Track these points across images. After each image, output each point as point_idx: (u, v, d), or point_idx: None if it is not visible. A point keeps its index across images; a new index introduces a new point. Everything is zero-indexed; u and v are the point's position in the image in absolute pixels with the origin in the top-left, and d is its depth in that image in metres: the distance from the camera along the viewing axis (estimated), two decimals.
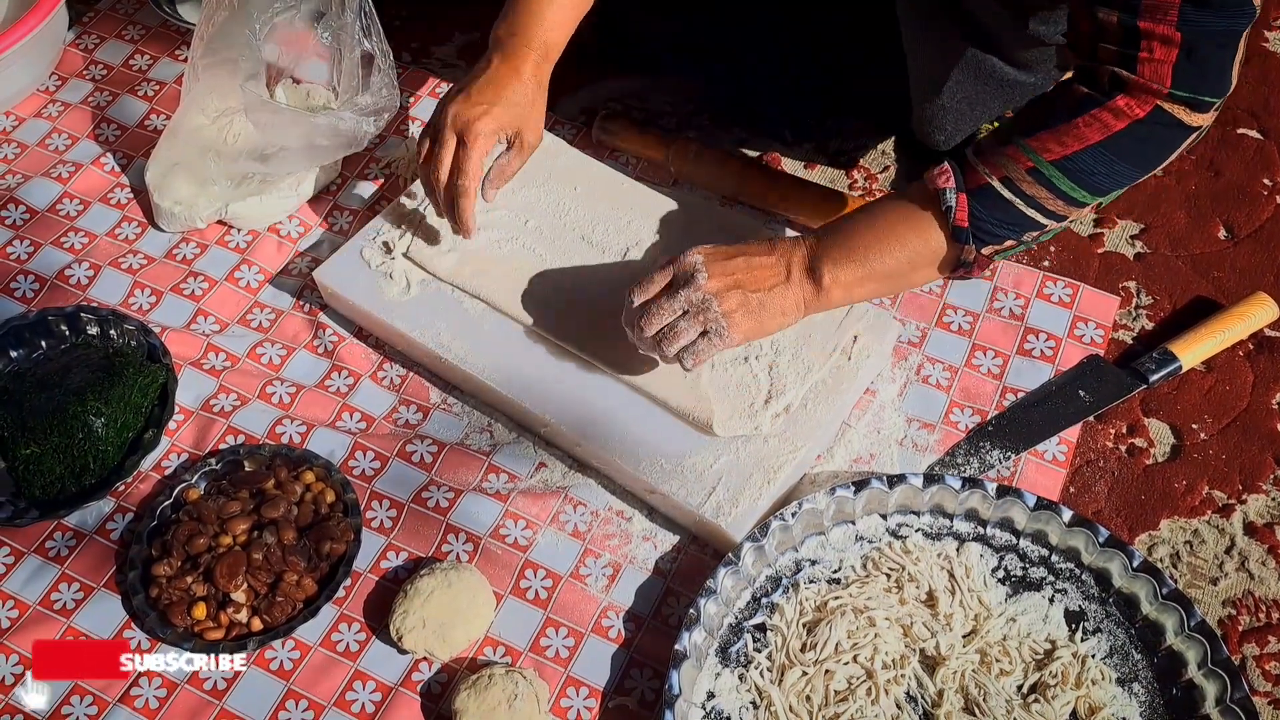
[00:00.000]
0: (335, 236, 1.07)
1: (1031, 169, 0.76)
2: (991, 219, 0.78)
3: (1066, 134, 0.74)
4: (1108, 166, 0.75)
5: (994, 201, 0.78)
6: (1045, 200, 0.77)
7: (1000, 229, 0.79)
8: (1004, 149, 0.77)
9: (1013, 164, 0.76)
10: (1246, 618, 0.84)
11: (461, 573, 0.82)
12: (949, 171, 0.79)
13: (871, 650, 0.79)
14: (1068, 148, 0.75)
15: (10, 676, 0.82)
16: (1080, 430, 0.93)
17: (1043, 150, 0.75)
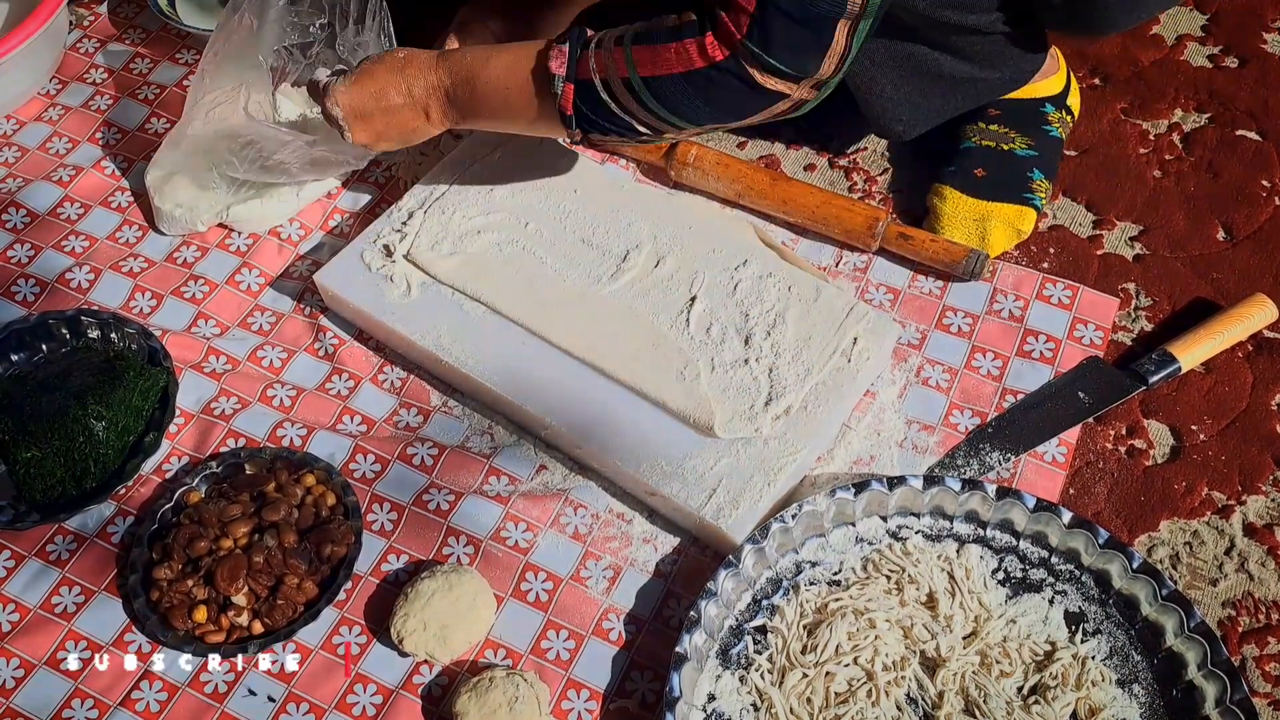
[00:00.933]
0: (336, 239, 1.07)
1: (626, 79, 0.80)
2: (592, 113, 0.83)
3: (659, 56, 0.78)
4: (688, 100, 0.79)
5: (595, 100, 0.82)
6: (637, 112, 0.81)
7: (602, 124, 0.83)
8: (614, 50, 0.80)
9: (614, 68, 0.80)
10: (1246, 619, 0.84)
11: (462, 575, 0.82)
12: (564, 56, 0.82)
13: (872, 652, 0.79)
14: (657, 70, 0.78)
15: (11, 680, 0.82)
16: (1080, 432, 0.93)
17: (639, 64, 0.79)
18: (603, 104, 0.82)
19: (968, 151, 1.05)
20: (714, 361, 0.90)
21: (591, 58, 0.81)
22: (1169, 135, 1.14)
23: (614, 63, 0.80)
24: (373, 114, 0.91)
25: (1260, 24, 1.24)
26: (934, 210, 1.04)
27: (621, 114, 0.81)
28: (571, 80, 0.82)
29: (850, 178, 1.12)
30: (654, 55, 0.78)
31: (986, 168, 1.03)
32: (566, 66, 0.82)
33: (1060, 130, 1.07)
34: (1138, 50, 1.22)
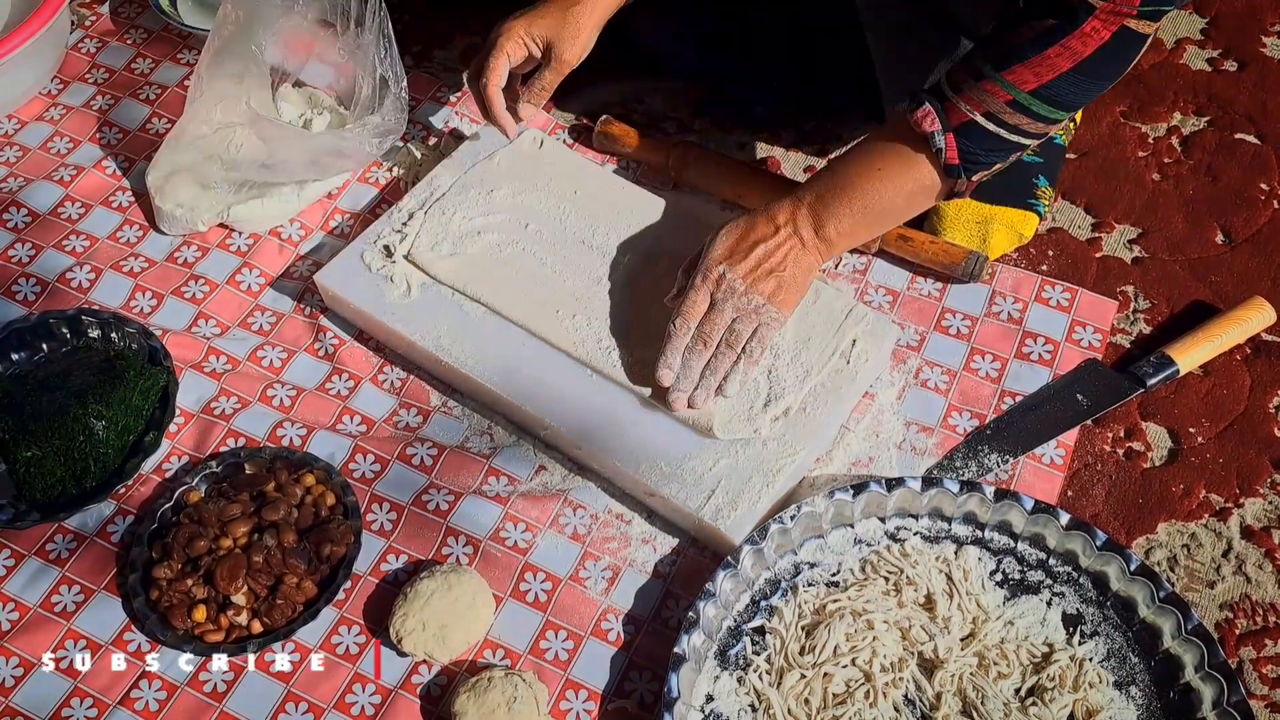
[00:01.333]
0: (336, 240, 1.07)
1: (1011, 101, 0.80)
2: (980, 150, 0.83)
3: (1040, 65, 0.78)
4: (1079, 86, 0.79)
5: (980, 135, 0.83)
6: (1026, 125, 0.82)
7: (988, 157, 0.84)
8: (981, 83, 0.81)
9: (992, 99, 0.81)
10: (1244, 621, 0.84)
11: (461, 575, 0.82)
12: (932, 113, 0.83)
13: (870, 653, 0.79)
14: (1042, 78, 0.79)
15: (10, 679, 0.82)
16: (1078, 434, 0.93)
17: (1020, 83, 0.79)
18: (991, 136, 0.82)
19: None
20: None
21: (960, 103, 0.82)
22: (1168, 138, 1.14)
23: (989, 94, 0.80)
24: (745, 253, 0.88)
25: (1259, 27, 1.24)
26: (935, 211, 1.04)
27: (1010, 135, 0.82)
28: (949, 130, 0.83)
29: None
30: (1033, 68, 0.78)
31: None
32: (939, 121, 0.83)
33: (1064, 137, 1.08)
34: None
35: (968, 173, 0.85)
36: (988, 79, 0.80)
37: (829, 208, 0.88)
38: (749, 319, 0.87)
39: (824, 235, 0.88)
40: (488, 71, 0.96)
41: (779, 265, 0.88)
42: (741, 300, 0.87)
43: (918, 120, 0.83)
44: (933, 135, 0.83)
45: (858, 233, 0.89)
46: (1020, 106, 0.80)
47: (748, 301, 0.87)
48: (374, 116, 1.01)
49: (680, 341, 0.88)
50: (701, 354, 0.88)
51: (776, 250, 0.88)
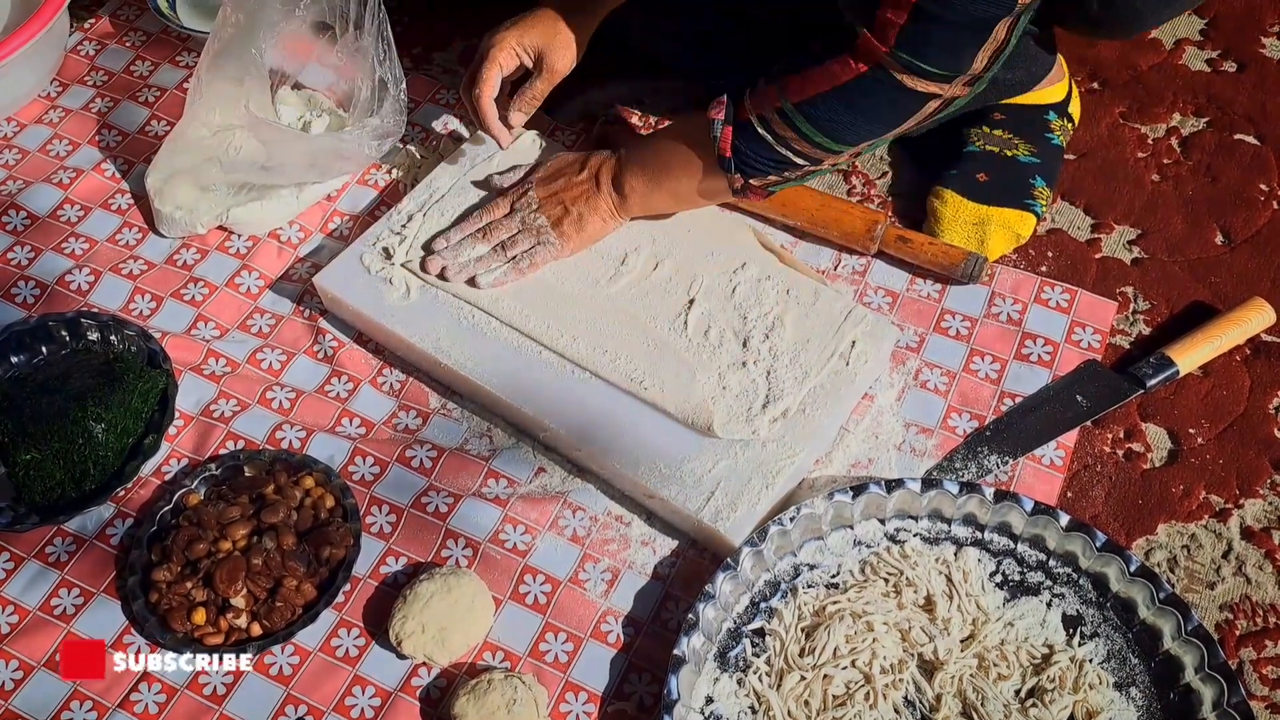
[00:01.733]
0: (335, 242, 1.07)
1: (779, 109, 0.82)
2: (750, 152, 0.85)
3: (806, 79, 0.80)
4: (843, 117, 0.81)
5: (752, 136, 0.84)
6: (794, 141, 0.83)
7: (760, 163, 0.86)
8: (766, 87, 0.83)
9: (767, 103, 0.83)
10: (1244, 622, 0.84)
11: (461, 578, 0.82)
12: (723, 103, 0.86)
13: (870, 655, 0.79)
14: (805, 92, 0.81)
15: (10, 682, 0.82)
16: (1078, 435, 0.93)
17: (789, 92, 0.81)
18: (759, 139, 0.84)
19: (970, 155, 1.05)
20: (712, 364, 0.90)
21: (747, 99, 0.84)
22: (1167, 139, 1.14)
23: (767, 97, 0.83)
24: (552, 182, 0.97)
25: (1258, 28, 1.24)
26: (933, 213, 1.04)
27: (779, 146, 0.84)
28: (729, 123, 0.85)
29: (849, 181, 1.12)
30: (803, 80, 0.80)
31: (989, 172, 1.04)
32: (725, 112, 0.86)
33: (1061, 138, 1.08)
34: (1136, 54, 1.22)
35: (742, 172, 0.87)
36: (771, 83, 0.83)
37: (631, 165, 0.94)
38: (529, 235, 0.96)
39: (619, 187, 0.95)
40: (480, 82, 0.98)
41: (572, 200, 0.95)
42: (529, 216, 0.96)
43: (710, 107, 0.87)
44: (713, 123, 0.86)
45: (651, 198, 0.95)
46: (785, 117, 0.82)
47: (533, 219, 0.95)
48: (373, 119, 1.01)
49: (468, 227, 0.98)
50: (475, 243, 0.97)
51: (575, 186, 0.96)
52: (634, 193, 0.94)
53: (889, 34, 0.75)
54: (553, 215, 0.96)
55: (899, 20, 0.74)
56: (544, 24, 0.98)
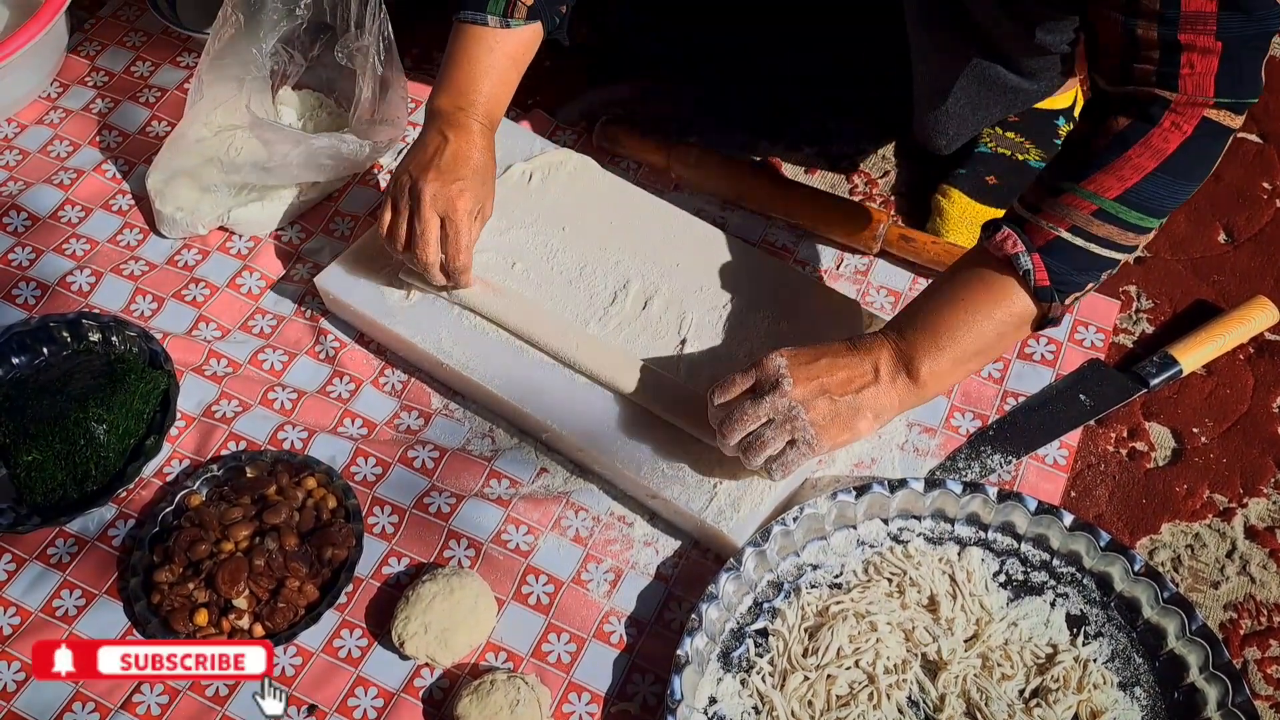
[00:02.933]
0: (337, 242, 1.07)
1: (1097, 211, 0.75)
2: (1070, 269, 0.77)
3: (1123, 168, 0.74)
4: (1167, 188, 0.74)
5: (1068, 252, 0.76)
6: (1116, 236, 0.76)
7: (1080, 276, 0.77)
8: (1060, 198, 0.75)
9: (1076, 212, 0.75)
10: (1248, 621, 0.84)
11: (463, 578, 0.82)
12: (1013, 235, 0.77)
13: (873, 655, 0.79)
14: (1126, 181, 0.74)
15: (13, 684, 0.82)
16: (1081, 434, 0.93)
17: (1103, 191, 0.74)
18: (1079, 252, 0.76)
19: (981, 157, 1.05)
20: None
21: (1041, 221, 0.76)
22: None
23: (1071, 208, 0.75)
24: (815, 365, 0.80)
25: None
26: (939, 211, 1.04)
27: (1100, 249, 0.76)
28: (1034, 251, 0.76)
29: (851, 180, 1.12)
30: (1115, 174, 0.74)
31: (1000, 176, 1.03)
32: (1022, 243, 0.77)
33: None
34: None
35: (1060, 295, 0.77)
36: (1067, 193, 0.75)
37: (916, 344, 0.80)
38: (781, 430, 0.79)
39: (910, 371, 0.80)
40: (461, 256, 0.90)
41: (840, 390, 0.80)
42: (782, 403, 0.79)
43: (998, 244, 0.77)
44: (1017, 257, 0.76)
45: (949, 373, 0.81)
46: (1107, 215, 0.75)
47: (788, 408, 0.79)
48: (374, 120, 1.01)
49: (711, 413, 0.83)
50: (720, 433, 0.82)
51: (845, 371, 0.80)
52: (933, 376, 0.80)
53: (1205, 85, 0.71)
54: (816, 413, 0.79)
55: (1210, 68, 0.70)
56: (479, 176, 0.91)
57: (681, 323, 0.93)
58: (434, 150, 0.90)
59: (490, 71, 0.93)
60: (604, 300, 0.95)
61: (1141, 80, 0.73)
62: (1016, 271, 0.77)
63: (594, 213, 1.01)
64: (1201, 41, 0.69)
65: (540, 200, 1.02)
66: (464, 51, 0.93)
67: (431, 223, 0.89)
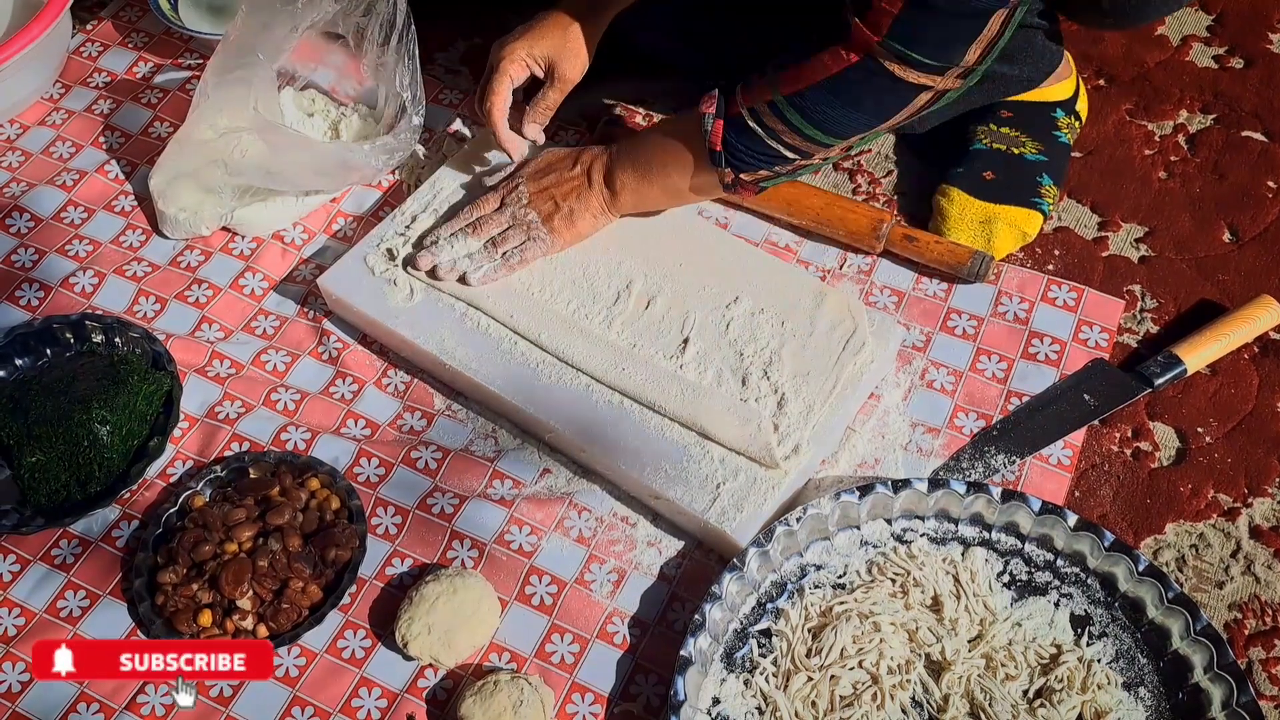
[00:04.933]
0: (339, 243, 1.07)
1: (770, 101, 0.81)
2: (741, 146, 0.85)
3: (799, 70, 0.80)
4: (834, 109, 0.80)
5: (743, 130, 0.84)
6: (783, 134, 0.82)
7: (750, 157, 0.85)
8: (760, 79, 0.82)
9: (760, 95, 0.82)
10: (1253, 621, 0.84)
11: (466, 579, 0.82)
12: (715, 98, 0.85)
13: (877, 655, 0.79)
14: (798, 84, 0.80)
15: (17, 684, 0.82)
16: (1085, 434, 0.93)
17: (780, 84, 0.81)
18: (750, 132, 0.83)
19: (977, 153, 1.05)
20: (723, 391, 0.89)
21: (739, 93, 0.84)
22: (1174, 136, 1.14)
23: (759, 90, 0.82)
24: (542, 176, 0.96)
25: (1266, 24, 1.24)
26: (939, 211, 1.04)
27: (769, 139, 0.83)
28: (721, 117, 0.85)
29: (854, 179, 1.12)
30: (796, 73, 0.80)
31: (996, 170, 1.03)
32: (716, 105, 0.85)
33: (1069, 136, 1.07)
34: (1143, 51, 1.21)
35: (733, 167, 0.86)
36: (764, 76, 0.82)
37: (623, 161, 0.94)
38: (519, 230, 0.95)
39: (610, 183, 0.94)
40: (491, 95, 0.98)
41: (564, 195, 0.95)
42: (519, 211, 0.95)
43: (701, 102, 0.86)
44: (705, 117, 0.85)
45: (643, 194, 0.94)
46: (776, 109, 0.81)
47: (524, 214, 0.95)
48: (388, 136, 1.01)
49: (457, 223, 0.97)
50: (465, 238, 0.96)
51: (567, 181, 0.95)
52: (625, 189, 0.94)
53: (882, 23, 0.75)
54: (543, 211, 0.95)
55: (893, 9, 0.74)
56: (554, 32, 0.98)
57: (684, 323, 0.93)
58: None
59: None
60: (607, 300, 0.95)
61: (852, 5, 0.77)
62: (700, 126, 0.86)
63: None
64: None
65: None
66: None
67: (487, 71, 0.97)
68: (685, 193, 0.93)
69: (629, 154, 0.94)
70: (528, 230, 0.95)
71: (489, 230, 0.96)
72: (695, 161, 0.89)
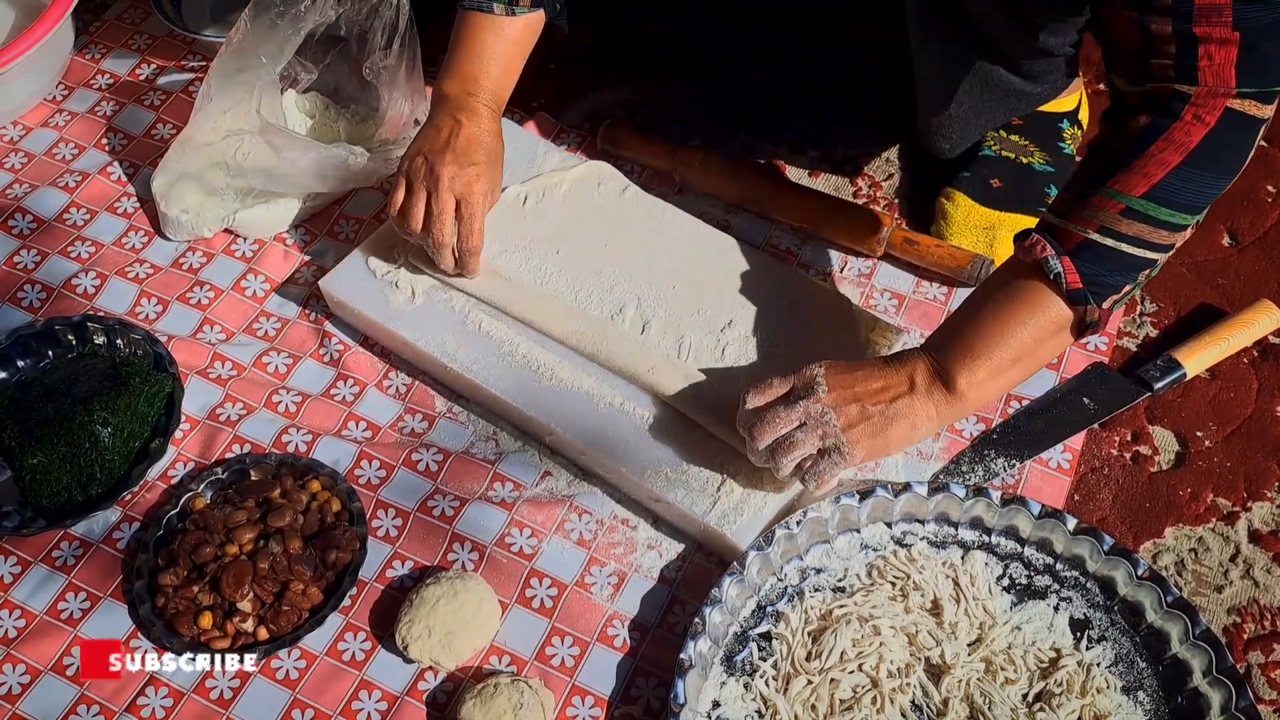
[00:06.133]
0: (341, 245, 1.07)
1: (1124, 210, 0.74)
2: (1102, 271, 0.76)
3: (1146, 165, 0.73)
4: (1195, 182, 0.73)
5: (1099, 254, 0.75)
6: (1148, 235, 0.74)
7: (1113, 277, 0.76)
8: (1087, 201, 0.75)
9: (1104, 212, 0.74)
10: (1251, 626, 0.84)
11: (467, 581, 0.82)
12: (1042, 241, 0.76)
13: (876, 659, 0.79)
14: (1152, 178, 0.73)
15: (18, 686, 0.82)
16: (1085, 438, 0.93)
17: (1129, 189, 0.73)
18: (1110, 252, 0.75)
19: (986, 160, 1.05)
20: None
21: (1069, 225, 0.75)
22: None
23: (1098, 209, 0.74)
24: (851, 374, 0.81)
25: None
26: (943, 214, 1.04)
27: (1132, 249, 0.74)
28: (1064, 254, 0.75)
29: (855, 183, 1.12)
30: (1140, 171, 0.73)
31: (1004, 179, 1.03)
32: (1051, 247, 0.76)
33: (1072, 146, 1.07)
34: None
35: (1096, 298, 0.76)
36: (1095, 195, 0.74)
37: (951, 356, 0.79)
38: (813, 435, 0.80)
39: (946, 382, 0.79)
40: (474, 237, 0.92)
41: (874, 399, 0.80)
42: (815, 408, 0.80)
43: (1028, 250, 0.77)
44: (1046, 261, 0.76)
45: (987, 383, 0.79)
46: (1135, 213, 0.73)
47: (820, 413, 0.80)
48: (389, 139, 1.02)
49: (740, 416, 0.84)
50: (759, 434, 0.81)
51: (880, 381, 0.80)
52: (971, 386, 0.79)
53: (1226, 74, 0.70)
54: (847, 418, 0.79)
55: (1230, 58, 0.70)
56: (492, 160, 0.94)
57: (680, 347, 0.92)
58: (448, 134, 0.92)
59: (497, 57, 0.95)
60: (601, 324, 0.94)
61: (1160, 76, 0.72)
62: (1047, 276, 0.76)
63: (590, 234, 1.00)
64: (1218, 33, 0.69)
65: (536, 223, 1.01)
66: (471, 37, 0.94)
67: (448, 205, 0.91)
68: (1036, 356, 0.80)
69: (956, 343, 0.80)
70: (823, 437, 0.80)
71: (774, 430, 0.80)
72: (1040, 316, 0.77)
